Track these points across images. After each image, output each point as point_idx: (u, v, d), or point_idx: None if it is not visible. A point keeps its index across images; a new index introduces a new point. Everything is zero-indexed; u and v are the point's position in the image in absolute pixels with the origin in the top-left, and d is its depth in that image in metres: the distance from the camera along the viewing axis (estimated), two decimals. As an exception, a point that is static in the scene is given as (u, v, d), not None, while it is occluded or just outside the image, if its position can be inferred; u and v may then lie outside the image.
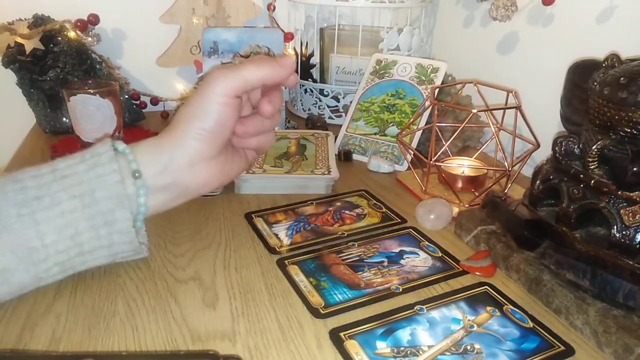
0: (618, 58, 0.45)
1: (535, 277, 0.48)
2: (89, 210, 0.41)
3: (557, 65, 0.63)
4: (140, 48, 0.98)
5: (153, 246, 0.53)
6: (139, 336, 0.41)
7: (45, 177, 0.41)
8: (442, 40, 1.02)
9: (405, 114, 0.79)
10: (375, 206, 0.64)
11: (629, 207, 0.41)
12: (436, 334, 0.42)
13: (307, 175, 0.67)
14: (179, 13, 0.95)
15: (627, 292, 0.41)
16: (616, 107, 0.42)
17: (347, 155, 0.79)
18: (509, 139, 0.65)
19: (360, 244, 0.55)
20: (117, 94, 0.74)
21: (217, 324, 0.43)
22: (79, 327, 0.42)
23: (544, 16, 0.75)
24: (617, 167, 0.43)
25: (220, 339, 0.41)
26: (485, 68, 0.89)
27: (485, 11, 0.84)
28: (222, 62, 0.86)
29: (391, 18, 0.92)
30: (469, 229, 0.56)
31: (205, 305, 0.45)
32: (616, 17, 0.65)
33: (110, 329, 0.42)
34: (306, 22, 0.99)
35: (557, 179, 0.48)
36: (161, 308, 0.44)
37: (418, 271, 0.51)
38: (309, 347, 0.41)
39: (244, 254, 0.53)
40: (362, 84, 0.85)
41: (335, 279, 0.49)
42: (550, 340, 0.42)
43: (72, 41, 0.85)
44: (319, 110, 0.96)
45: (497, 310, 0.45)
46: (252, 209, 0.63)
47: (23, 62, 0.83)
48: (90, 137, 0.72)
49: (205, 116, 0.43)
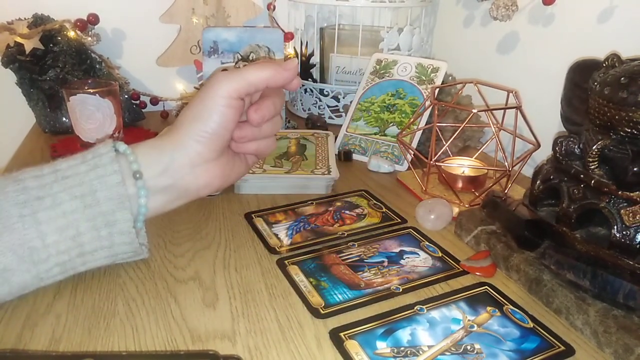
0: (618, 58, 0.45)
1: (535, 277, 0.47)
2: (90, 210, 0.41)
3: (558, 65, 0.63)
4: (140, 48, 0.98)
5: (153, 246, 0.53)
6: (138, 336, 0.41)
7: (47, 177, 0.41)
8: (443, 40, 1.02)
9: (406, 113, 0.79)
10: (375, 206, 0.64)
11: (630, 207, 0.41)
12: (436, 334, 0.42)
13: (307, 175, 0.67)
14: (179, 13, 0.95)
15: (627, 292, 0.41)
16: (617, 107, 0.42)
17: (347, 155, 0.79)
18: (509, 139, 0.65)
19: (360, 244, 0.55)
20: (116, 93, 0.74)
21: (217, 324, 0.43)
22: (79, 327, 0.42)
23: (544, 16, 0.75)
24: (618, 167, 0.42)
25: (220, 339, 0.41)
26: (486, 68, 0.89)
27: (486, 11, 0.84)
28: (222, 62, 0.86)
29: (391, 18, 0.92)
30: (469, 229, 0.56)
31: (205, 305, 0.45)
32: (617, 17, 0.65)
33: (110, 329, 0.42)
34: (306, 22, 0.99)
35: (558, 179, 0.48)
36: (161, 308, 0.44)
37: (418, 271, 0.51)
38: (309, 347, 0.41)
39: (244, 254, 0.53)
40: (362, 84, 0.85)
41: (335, 279, 0.49)
42: (551, 341, 0.42)
43: (72, 41, 0.85)
44: (319, 110, 0.96)
45: (497, 310, 0.45)
46: (252, 209, 0.63)
47: (23, 61, 0.82)
48: (90, 137, 0.72)
49: (207, 118, 0.43)
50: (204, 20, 0.96)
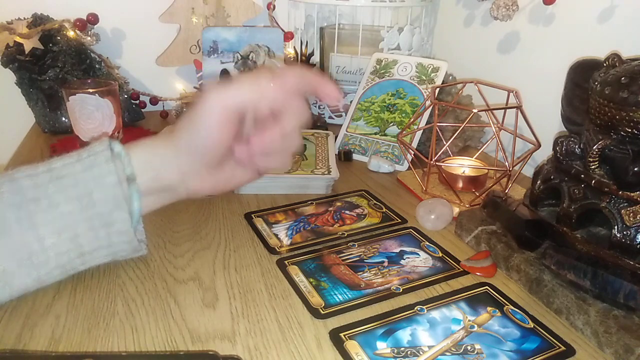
0: (619, 58, 0.45)
1: (535, 278, 0.47)
2: (87, 212, 0.41)
3: (558, 65, 0.63)
4: (139, 47, 0.98)
5: (152, 246, 0.53)
6: (138, 336, 0.41)
7: (42, 176, 0.41)
8: (443, 40, 1.02)
9: (406, 113, 0.79)
10: (376, 206, 0.64)
11: (630, 207, 0.41)
12: (436, 334, 0.42)
13: (307, 175, 0.67)
14: (179, 12, 0.95)
15: (627, 293, 0.41)
16: (617, 107, 0.42)
17: (347, 155, 0.79)
18: (510, 139, 0.65)
19: (360, 244, 0.55)
20: (116, 93, 0.74)
21: (216, 324, 0.43)
22: (79, 327, 0.42)
23: (544, 16, 0.75)
24: (618, 167, 0.42)
25: (220, 339, 0.41)
26: (486, 67, 0.89)
27: (486, 10, 0.84)
28: (221, 62, 0.85)
29: (391, 17, 0.92)
30: (469, 229, 0.56)
31: (204, 305, 0.45)
32: (617, 16, 0.65)
33: (110, 329, 0.42)
34: (306, 21, 0.99)
35: (558, 179, 0.48)
36: (161, 308, 0.44)
37: (418, 271, 0.51)
38: (309, 347, 0.41)
39: (244, 254, 0.53)
40: (363, 84, 0.85)
41: (335, 280, 0.49)
42: (551, 341, 0.42)
43: (72, 41, 0.85)
44: (319, 110, 0.96)
45: (497, 310, 0.45)
46: (252, 209, 0.62)
47: (22, 61, 0.82)
48: (90, 137, 0.72)
49: (196, 131, 0.42)
50: (204, 20, 0.96)
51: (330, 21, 1.00)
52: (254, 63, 0.86)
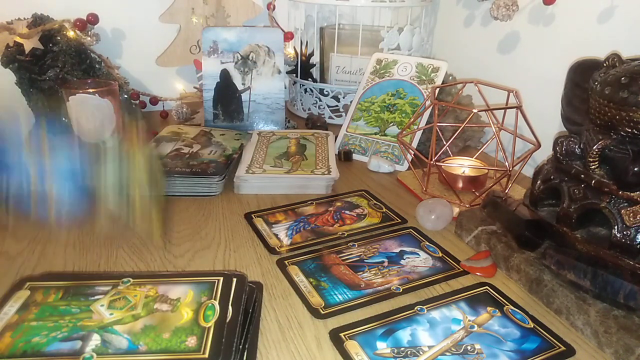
0: (619, 58, 0.45)
1: (535, 278, 0.47)
2: None
3: (558, 65, 0.63)
4: (139, 47, 0.98)
5: (153, 246, 0.53)
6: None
7: None
8: (443, 40, 1.02)
9: (406, 113, 0.79)
10: (376, 206, 0.64)
11: (630, 207, 0.41)
12: (436, 334, 0.42)
13: (307, 175, 0.67)
14: (179, 12, 0.95)
15: (627, 293, 0.41)
16: (617, 107, 0.42)
17: (347, 155, 0.79)
18: (510, 139, 0.65)
19: (360, 244, 0.55)
20: (116, 93, 0.74)
21: (216, 324, 0.43)
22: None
23: (544, 16, 0.75)
24: (618, 167, 0.42)
25: (220, 339, 0.41)
26: (486, 67, 0.89)
27: (486, 10, 0.84)
28: (221, 62, 0.85)
29: (391, 17, 0.92)
30: (469, 229, 0.56)
31: (205, 305, 0.45)
32: (617, 17, 0.65)
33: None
34: (306, 22, 0.99)
35: (558, 179, 0.48)
36: (161, 308, 0.44)
37: (418, 271, 0.51)
38: (309, 347, 0.41)
39: (244, 254, 0.53)
40: (363, 84, 0.85)
41: (335, 279, 0.49)
42: (551, 341, 0.42)
43: (72, 41, 0.85)
44: (319, 110, 0.96)
45: (497, 310, 0.45)
46: (252, 209, 0.62)
47: (22, 61, 0.82)
48: (90, 137, 0.72)
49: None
50: (204, 20, 0.96)
51: (330, 21, 1.01)
52: (254, 63, 0.86)
